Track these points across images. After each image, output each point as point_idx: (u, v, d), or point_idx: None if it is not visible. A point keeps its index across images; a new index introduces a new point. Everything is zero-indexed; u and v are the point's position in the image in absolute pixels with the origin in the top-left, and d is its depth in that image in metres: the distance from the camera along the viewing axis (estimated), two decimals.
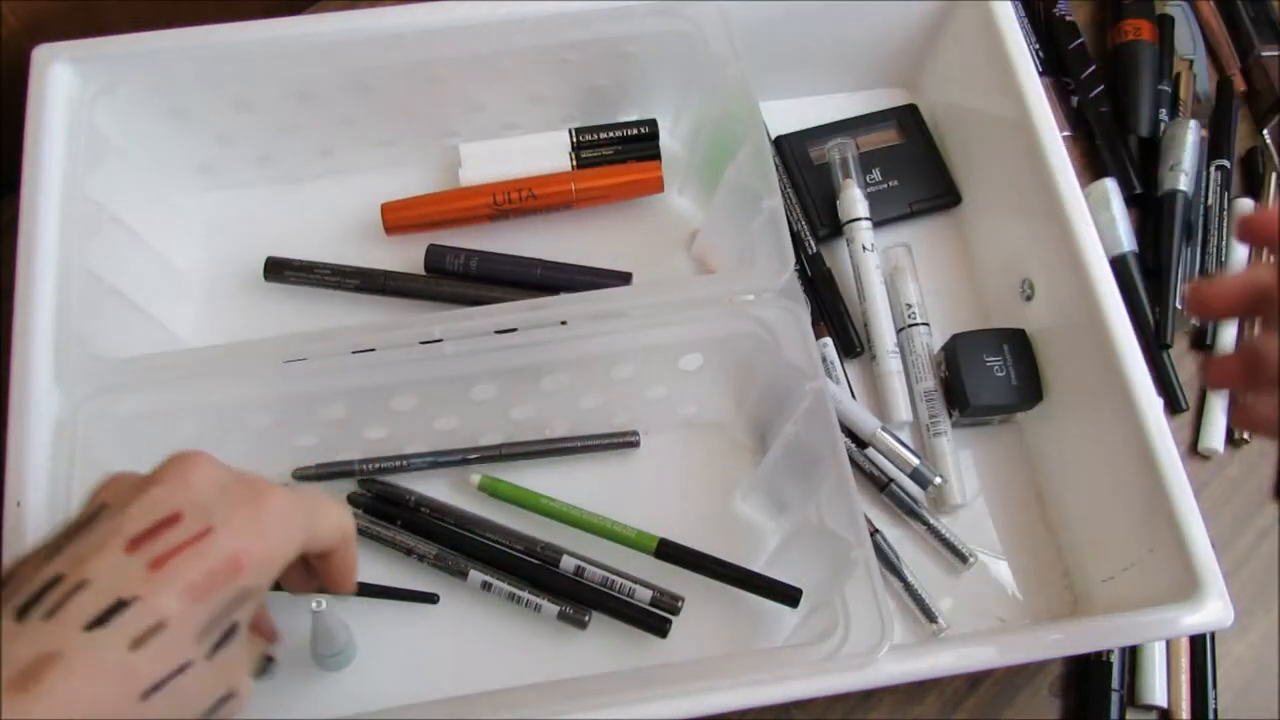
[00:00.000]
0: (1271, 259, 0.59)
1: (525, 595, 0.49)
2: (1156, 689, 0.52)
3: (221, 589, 0.31)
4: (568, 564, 0.50)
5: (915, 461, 0.54)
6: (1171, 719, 0.52)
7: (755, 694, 0.42)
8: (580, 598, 0.50)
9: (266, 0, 0.63)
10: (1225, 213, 0.64)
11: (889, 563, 0.52)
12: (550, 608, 0.49)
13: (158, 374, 0.46)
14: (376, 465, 0.52)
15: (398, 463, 0.52)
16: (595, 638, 0.50)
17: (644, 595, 0.49)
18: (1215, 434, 0.58)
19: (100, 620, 0.29)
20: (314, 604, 0.44)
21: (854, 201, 0.59)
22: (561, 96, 0.59)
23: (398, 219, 0.57)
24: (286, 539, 0.34)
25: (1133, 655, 0.52)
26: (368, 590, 0.49)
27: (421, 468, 0.52)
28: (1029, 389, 0.54)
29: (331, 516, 0.37)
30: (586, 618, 0.50)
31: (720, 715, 0.42)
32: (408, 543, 0.50)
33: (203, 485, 0.33)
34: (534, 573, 0.50)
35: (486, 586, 0.50)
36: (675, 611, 0.49)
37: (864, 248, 0.58)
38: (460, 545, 0.51)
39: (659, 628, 0.49)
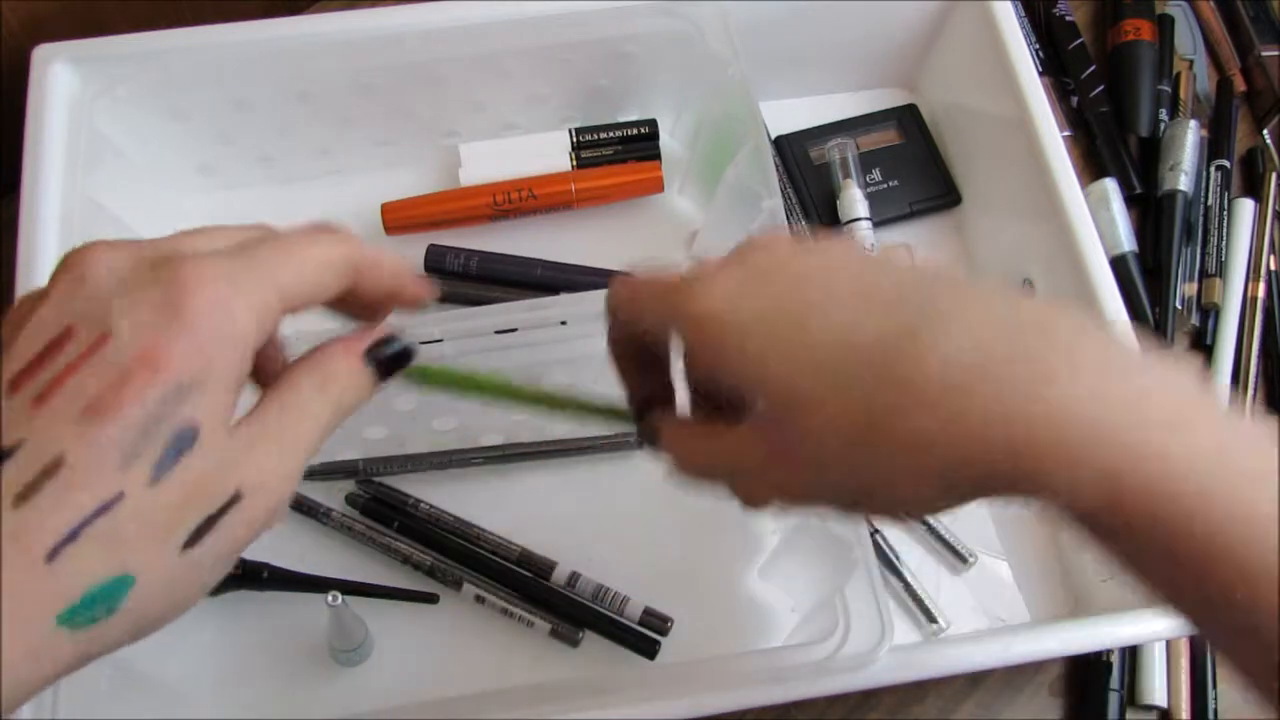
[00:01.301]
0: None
1: (518, 612, 0.49)
2: (1156, 689, 0.52)
3: (137, 398, 0.24)
4: (560, 575, 0.50)
5: None
6: (1171, 719, 0.52)
7: (755, 694, 0.42)
8: (572, 614, 0.49)
9: (266, 0, 0.63)
10: (1225, 213, 0.64)
11: (889, 563, 0.52)
12: (542, 625, 0.49)
13: None
14: (377, 465, 0.52)
15: (398, 463, 0.52)
16: (589, 648, 0.50)
17: (635, 610, 0.49)
18: None
19: None
20: (329, 598, 0.44)
21: (854, 201, 0.59)
22: (561, 96, 0.59)
23: (398, 219, 0.57)
24: (228, 316, 0.25)
25: (1133, 655, 0.52)
26: (365, 590, 0.49)
27: (422, 468, 0.52)
28: None
29: (307, 256, 0.28)
30: (579, 635, 0.49)
31: (720, 715, 0.42)
32: (404, 550, 0.50)
33: (100, 283, 0.25)
34: (527, 585, 0.50)
35: (480, 600, 0.50)
36: (664, 632, 0.49)
37: (864, 248, 0.58)
38: (455, 554, 0.51)
39: (648, 650, 0.49)
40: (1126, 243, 0.62)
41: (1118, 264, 0.60)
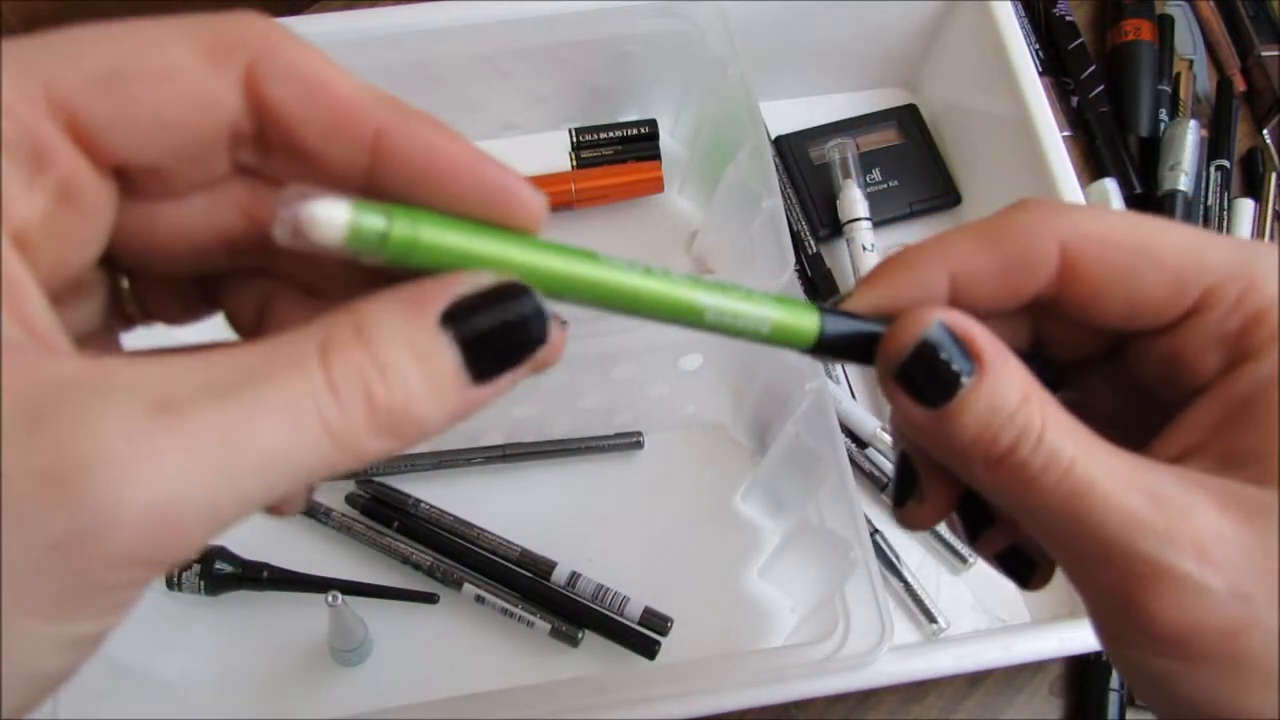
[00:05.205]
0: None
1: (518, 612, 0.49)
2: None
3: None
4: (560, 575, 0.50)
5: None
6: None
7: (755, 694, 0.42)
8: (572, 614, 0.49)
9: (266, 0, 0.63)
10: (1225, 213, 0.64)
11: (889, 563, 0.52)
12: (542, 625, 0.49)
13: None
14: (377, 465, 0.52)
15: (398, 463, 0.52)
16: (589, 648, 0.50)
17: (635, 609, 0.49)
18: None
19: None
20: (329, 598, 0.44)
21: (854, 201, 0.59)
22: (561, 96, 0.59)
23: None
24: None
25: None
26: (365, 590, 0.49)
27: (422, 468, 0.52)
28: None
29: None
30: (579, 635, 0.49)
31: (720, 715, 0.42)
32: (404, 550, 0.50)
33: None
34: (527, 585, 0.50)
35: (480, 600, 0.50)
36: (664, 632, 0.49)
37: (864, 248, 0.58)
38: (455, 554, 0.51)
39: (648, 650, 0.49)
40: None
41: None
